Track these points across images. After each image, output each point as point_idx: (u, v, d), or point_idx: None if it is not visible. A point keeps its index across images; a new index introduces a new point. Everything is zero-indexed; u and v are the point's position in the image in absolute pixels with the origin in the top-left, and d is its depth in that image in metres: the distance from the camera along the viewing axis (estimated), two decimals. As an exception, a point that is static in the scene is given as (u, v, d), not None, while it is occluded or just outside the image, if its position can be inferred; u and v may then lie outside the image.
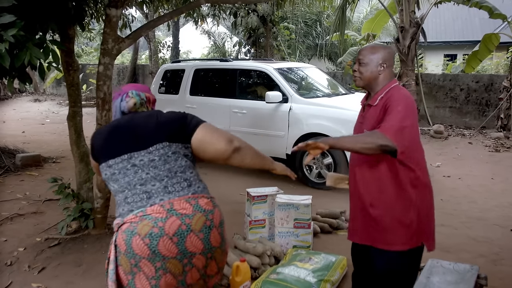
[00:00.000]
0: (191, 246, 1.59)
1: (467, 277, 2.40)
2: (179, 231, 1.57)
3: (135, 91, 1.90)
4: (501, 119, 8.86)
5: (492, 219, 4.40)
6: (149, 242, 1.54)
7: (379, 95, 2.11)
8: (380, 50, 2.15)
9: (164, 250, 1.56)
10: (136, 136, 1.74)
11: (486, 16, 9.07)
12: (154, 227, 1.56)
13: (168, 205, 1.60)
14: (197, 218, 1.62)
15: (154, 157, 1.69)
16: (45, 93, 18.08)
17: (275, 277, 2.75)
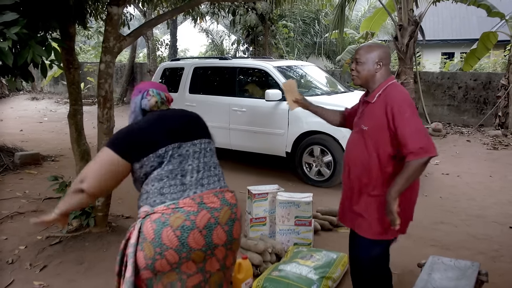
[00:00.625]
0: (217, 238, 1.71)
1: (468, 273, 2.43)
2: (208, 224, 1.68)
3: (156, 90, 1.96)
4: (499, 117, 8.90)
5: (491, 217, 4.43)
6: (180, 234, 1.63)
7: (377, 93, 2.17)
8: (376, 49, 2.20)
9: (193, 242, 1.65)
10: (184, 128, 1.85)
11: (484, 15, 9.11)
12: (187, 220, 1.64)
13: (199, 199, 1.70)
14: (224, 211, 1.74)
15: (197, 149, 1.82)
16: (43, 91, 18.02)
17: (277, 274, 2.77)
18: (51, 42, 2.42)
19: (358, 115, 2.31)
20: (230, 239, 1.76)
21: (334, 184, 5.36)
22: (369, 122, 2.14)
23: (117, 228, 3.83)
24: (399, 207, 2.04)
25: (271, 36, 10.69)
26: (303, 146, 5.52)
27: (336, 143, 5.26)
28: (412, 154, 1.99)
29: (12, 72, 2.47)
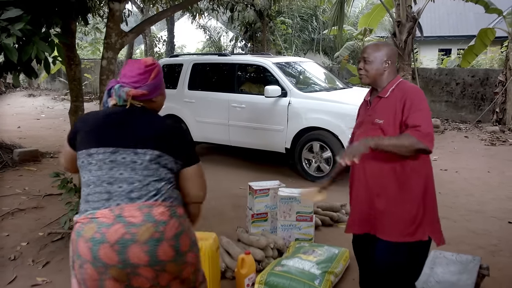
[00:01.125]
0: (134, 257, 1.49)
1: (470, 267, 2.46)
2: (122, 240, 1.49)
3: (117, 89, 1.68)
4: (497, 113, 8.95)
5: (490, 212, 4.46)
6: (91, 246, 1.50)
7: (390, 88, 2.18)
8: (384, 47, 2.21)
9: (105, 257, 1.49)
10: (128, 132, 1.64)
11: (481, 11, 9.13)
12: (97, 232, 1.50)
13: (118, 211, 1.53)
14: (146, 229, 1.51)
15: (137, 160, 1.59)
16: (39, 88, 17.95)
17: (280, 269, 2.79)
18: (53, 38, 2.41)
19: (368, 112, 2.27)
20: (154, 260, 1.51)
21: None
22: (384, 115, 2.14)
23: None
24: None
25: (269, 33, 10.68)
26: (303, 142, 5.53)
27: (335, 139, 5.28)
28: (419, 133, 2.00)
29: (15, 68, 2.47)
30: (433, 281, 2.31)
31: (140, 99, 1.69)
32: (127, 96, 1.66)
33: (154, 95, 1.73)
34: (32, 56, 2.10)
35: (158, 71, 1.74)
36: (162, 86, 1.79)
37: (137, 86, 1.68)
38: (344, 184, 2.48)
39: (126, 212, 1.52)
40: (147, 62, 1.74)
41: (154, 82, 1.72)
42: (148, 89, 1.70)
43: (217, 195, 4.98)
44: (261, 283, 2.73)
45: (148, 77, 1.70)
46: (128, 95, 1.66)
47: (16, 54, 1.99)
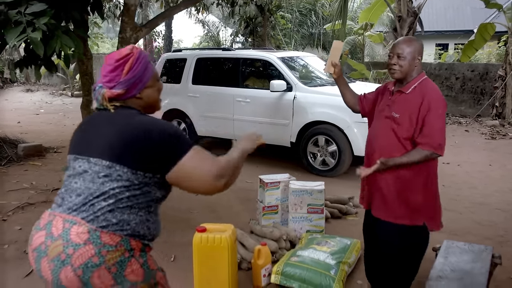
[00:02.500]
0: (44, 270, 1.37)
1: (483, 256, 2.52)
2: (38, 248, 1.38)
3: (96, 91, 1.49)
4: (496, 108, 9.04)
5: (494, 204, 4.54)
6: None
7: (412, 85, 2.27)
8: (416, 43, 2.28)
9: (31, 259, 1.42)
10: (91, 138, 1.47)
11: (478, 6, 9.20)
12: (32, 232, 1.44)
13: (51, 217, 1.40)
14: (56, 245, 1.34)
15: (88, 170, 1.43)
16: (37, 83, 17.86)
17: (296, 260, 2.84)
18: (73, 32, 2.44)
19: (386, 102, 2.37)
20: (57, 283, 1.35)
21: (338, 174, 5.45)
22: (401, 110, 2.24)
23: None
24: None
25: (270, 27, 10.69)
26: (308, 136, 5.58)
27: (340, 133, 5.33)
28: (430, 146, 2.15)
29: (36, 63, 2.49)
30: (448, 269, 2.37)
31: (121, 99, 1.48)
32: (102, 99, 1.45)
33: (134, 92, 1.48)
34: (56, 50, 2.12)
35: (133, 63, 1.48)
36: (145, 78, 1.50)
37: (111, 86, 1.45)
38: (352, 178, 2.53)
39: (55, 222, 1.38)
40: (119, 55, 1.48)
41: (129, 77, 1.46)
42: (124, 87, 1.46)
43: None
44: (278, 273, 2.78)
45: (120, 73, 1.46)
46: (104, 98, 1.45)
47: (42, 48, 2.01)
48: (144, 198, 1.44)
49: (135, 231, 1.41)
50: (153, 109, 1.58)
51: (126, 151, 1.40)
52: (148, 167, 1.41)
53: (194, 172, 1.41)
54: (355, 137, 5.21)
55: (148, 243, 1.48)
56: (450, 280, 2.25)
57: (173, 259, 3.25)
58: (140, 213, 1.43)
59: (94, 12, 2.93)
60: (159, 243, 3.48)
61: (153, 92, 1.55)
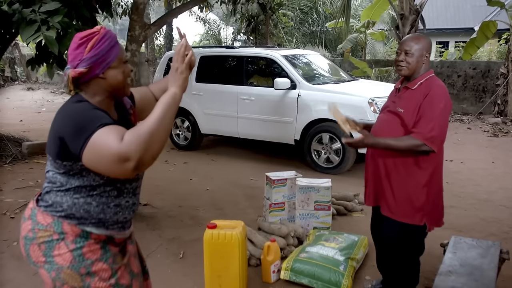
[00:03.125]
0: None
1: (491, 251, 2.55)
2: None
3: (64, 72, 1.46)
4: (498, 105, 9.07)
5: (498, 201, 4.57)
6: None
7: (419, 81, 2.27)
8: (423, 40, 2.28)
9: None
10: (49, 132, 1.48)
11: (478, 3, 9.24)
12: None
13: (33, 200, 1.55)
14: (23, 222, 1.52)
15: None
16: (38, 81, 17.87)
17: (305, 256, 2.87)
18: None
19: (392, 98, 2.41)
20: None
21: (343, 171, 5.47)
22: (406, 106, 2.25)
23: (139, 214, 3.90)
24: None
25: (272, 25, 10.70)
26: (312, 133, 5.60)
27: (345, 131, 5.34)
28: (421, 135, 2.14)
29: (48, 61, 2.50)
30: (457, 264, 2.40)
31: (85, 80, 1.42)
32: (68, 80, 1.40)
33: (97, 71, 1.41)
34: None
35: (97, 41, 1.40)
36: (110, 57, 1.42)
37: (75, 65, 1.40)
38: (356, 176, 2.55)
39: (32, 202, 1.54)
40: (84, 33, 1.43)
41: (92, 55, 1.38)
42: (86, 65, 1.38)
43: (228, 185, 5.05)
44: (287, 269, 2.81)
45: (83, 50, 1.39)
46: (69, 79, 1.40)
47: (57, 46, 2.03)
48: (79, 182, 1.43)
49: (68, 213, 1.44)
50: (120, 93, 1.51)
51: (49, 141, 1.43)
52: (63, 155, 1.38)
53: (99, 157, 1.29)
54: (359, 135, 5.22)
55: (94, 230, 1.46)
56: (460, 275, 2.28)
57: (182, 255, 3.27)
58: (75, 196, 1.44)
59: (103, 11, 2.95)
60: (167, 240, 3.53)
61: (118, 74, 1.46)
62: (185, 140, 6.90)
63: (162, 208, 4.23)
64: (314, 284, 2.73)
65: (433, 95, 2.18)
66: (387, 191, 2.32)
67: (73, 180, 1.43)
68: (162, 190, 4.82)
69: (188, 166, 5.88)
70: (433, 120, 2.14)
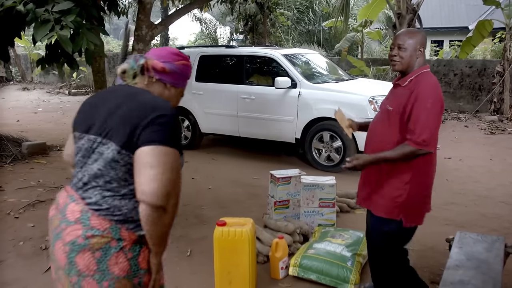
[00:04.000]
0: (50, 239, 1.47)
1: (496, 246, 2.60)
2: (51, 218, 1.48)
3: (134, 58, 1.52)
4: (494, 103, 9.17)
5: (497, 197, 4.63)
6: None
7: (409, 77, 2.23)
8: (418, 34, 2.25)
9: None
10: (92, 116, 1.45)
11: (472, 2, 9.32)
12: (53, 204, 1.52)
13: (65, 193, 1.46)
14: (57, 218, 1.41)
15: (87, 146, 1.42)
16: (33, 81, 17.77)
17: (313, 252, 2.90)
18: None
19: (388, 95, 2.41)
20: (52, 256, 1.42)
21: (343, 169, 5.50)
22: (395, 103, 2.22)
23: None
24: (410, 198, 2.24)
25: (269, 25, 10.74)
26: (313, 132, 5.64)
27: (345, 129, 5.39)
28: (413, 142, 2.11)
29: (58, 60, 2.52)
30: (464, 259, 2.44)
31: (156, 75, 1.50)
32: (145, 63, 1.48)
33: (171, 79, 1.53)
34: (83, 47, 2.16)
35: (188, 65, 1.58)
36: (180, 82, 1.57)
37: (162, 61, 1.51)
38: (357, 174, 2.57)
39: (61, 195, 1.46)
40: (181, 52, 1.61)
41: (179, 68, 1.53)
42: (170, 69, 1.51)
43: (231, 184, 5.07)
44: (296, 266, 2.84)
45: (176, 59, 1.54)
46: (147, 63, 1.48)
47: (71, 45, 2.04)
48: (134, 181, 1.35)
49: (127, 217, 1.36)
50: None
51: (119, 127, 1.35)
52: (132, 146, 1.33)
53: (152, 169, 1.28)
54: (360, 133, 5.27)
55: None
56: (467, 268, 2.32)
57: (189, 253, 3.30)
58: (134, 199, 1.36)
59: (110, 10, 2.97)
60: (174, 238, 3.55)
61: (176, 95, 1.59)
62: (185, 140, 6.91)
63: (166, 207, 4.24)
64: (322, 279, 2.77)
65: (418, 94, 2.12)
66: (368, 184, 2.38)
67: (130, 178, 1.36)
68: (165, 189, 4.82)
69: (189, 165, 5.89)
70: (420, 122, 2.10)
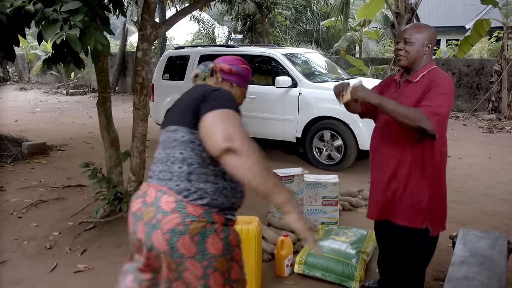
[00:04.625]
0: (139, 232, 1.54)
1: (499, 242, 2.62)
2: (135, 213, 1.57)
3: (205, 63, 1.77)
4: (492, 102, 9.23)
5: (497, 195, 4.68)
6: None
7: (421, 73, 2.15)
8: (425, 29, 2.17)
9: (129, 221, 1.62)
10: (172, 111, 1.66)
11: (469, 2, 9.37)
12: (132, 199, 1.64)
13: (147, 187, 1.58)
14: (149, 211, 1.51)
15: (165, 138, 1.61)
16: (30, 81, 17.72)
17: (317, 250, 2.92)
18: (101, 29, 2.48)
19: (393, 94, 2.24)
20: (149, 244, 1.51)
21: (344, 168, 5.54)
22: (408, 100, 2.11)
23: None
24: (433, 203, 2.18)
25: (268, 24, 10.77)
26: (313, 131, 5.67)
27: (346, 128, 5.42)
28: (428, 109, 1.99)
29: (64, 60, 2.53)
30: (468, 255, 2.47)
31: (224, 76, 1.74)
32: (214, 66, 1.73)
33: (236, 79, 1.77)
34: (91, 47, 2.17)
35: (249, 69, 1.83)
36: (245, 82, 1.82)
37: (229, 64, 1.77)
38: (358, 172, 2.58)
39: (149, 191, 1.56)
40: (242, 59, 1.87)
41: (243, 70, 1.79)
42: (236, 70, 1.76)
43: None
44: (301, 263, 2.87)
45: (240, 64, 1.80)
46: (216, 66, 1.73)
47: (80, 45, 2.06)
48: (214, 162, 1.51)
49: (213, 199, 1.51)
50: None
51: (185, 112, 1.55)
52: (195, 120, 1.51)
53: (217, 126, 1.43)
54: (361, 132, 5.31)
55: (231, 217, 1.58)
56: (472, 264, 2.34)
57: (193, 252, 3.31)
58: (216, 180, 1.53)
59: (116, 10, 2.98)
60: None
61: (240, 95, 1.82)
62: (185, 139, 6.92)
63: (169, 206, 4.25)
64: (327, 277, 2.80)
65: (438, 84, 2.05)
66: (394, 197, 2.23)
67: (209, 160, 1.52)
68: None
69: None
70: (440, 99, 2.01)
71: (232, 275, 1.57)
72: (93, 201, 4.22)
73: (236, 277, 1.59)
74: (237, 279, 1.60)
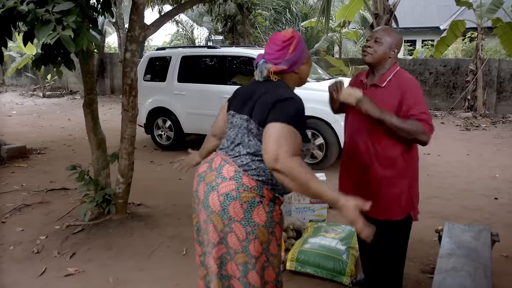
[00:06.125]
0: (200, 191, 1.80)
1: (483, 234, 2.74)
2: (200, 175, 1.83)
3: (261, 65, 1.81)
4: (468, 100, 9.52)
5: (477, 190, 4.84)
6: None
7: (387, 77, 2.21)
8: (395, 35, 2.25)
9: (194, 181, 1.87)
10: (245, 101, 1.83)
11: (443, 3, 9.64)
12: (201, 163, 1.94)
13: (215, 156, 1.84)
14: (211, 175, 1.76)
15: (239, 123, 1.81)
16: (5, 84, 17.26)
17: (309, 247, 2.98)
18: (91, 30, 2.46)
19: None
20: (206, 203, 1.75)
21: (326, 166, 5.62)
22: (381, 106, 2.13)
23: (135, 214, 3.91)
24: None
25: (249, 25, 10.81)
26: (297, 131, 5.72)
27: (327, 127, 5.51)
28: (426, 125, 2.09)
29: (54, 61, 2.50)
30: (455, 247, 2.56)
31: (282, 73, 1.78)
32: (268, 73, 1.78)
33: (294, 67, 1.80)
34: (84, 48, 2.15)
35: (297, 44, 1.79)
36: (303, 56, 1.82)
37: (277, 63, 1.77)
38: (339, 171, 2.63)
39: (216, 158, 1.81)
40: (285, 37, 1.80)
41: (292, 56, 1.77)
42: (287, 64, 1.77)
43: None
44: (293, 260, 2.91)
45: (286, 52, 1.77)
46: (269, 72, 1.78)
47: (74, 46, 2.04)
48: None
49: (267, 179, 1.72)
50: (302, 82, 1.90)
51: (260, 110, 1.71)
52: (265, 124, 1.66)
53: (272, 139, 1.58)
54: (343, 131, 5.38)
55: (279, 196, 1.77)
56: (459, 256, 2.44)
57: (185, 252, 3.32)
58: None
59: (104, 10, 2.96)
60: (167, 238, 3.56)
61: (307, 68, 1.87)
62: (168, 140, 6.90)
63: (156, 207, 4.24)
64: (319, 273, 2.85)
65: (414, 93, 2.14)
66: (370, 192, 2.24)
67: None
68: (152, 190, 4.82)
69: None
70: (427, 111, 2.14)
71: (270, 249, 1.76)
72: (78, 204, 4.17)
73: (273, 252, 1.78)
74: (275, 254, 1.78)
